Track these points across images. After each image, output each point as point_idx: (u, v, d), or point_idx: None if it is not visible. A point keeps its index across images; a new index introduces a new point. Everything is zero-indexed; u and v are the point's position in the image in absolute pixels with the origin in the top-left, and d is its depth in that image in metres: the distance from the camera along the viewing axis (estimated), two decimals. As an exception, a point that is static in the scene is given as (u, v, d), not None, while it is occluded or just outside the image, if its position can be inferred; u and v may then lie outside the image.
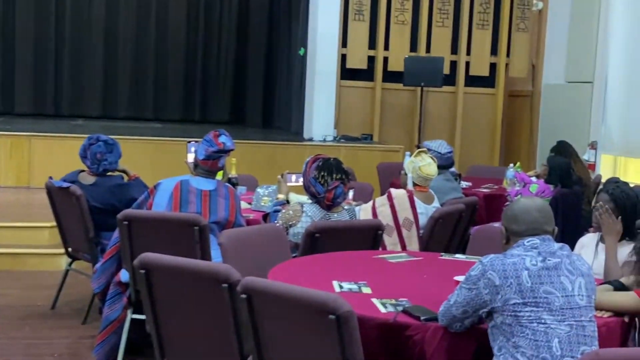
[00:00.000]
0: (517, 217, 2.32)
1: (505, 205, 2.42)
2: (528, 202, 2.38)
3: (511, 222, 2.33)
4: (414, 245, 4.07)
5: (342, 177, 3.60)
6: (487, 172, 7.15)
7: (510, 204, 2.42)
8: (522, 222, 2.30)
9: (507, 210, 2.37)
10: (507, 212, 2.37)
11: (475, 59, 9.06)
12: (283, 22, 10.59)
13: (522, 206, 2.35)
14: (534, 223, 2.29)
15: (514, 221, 2.32)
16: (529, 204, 2.36)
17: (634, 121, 7.45)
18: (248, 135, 9.25)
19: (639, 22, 7.40)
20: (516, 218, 2.32)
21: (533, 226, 2.29)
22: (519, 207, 2.35)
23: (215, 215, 3.80)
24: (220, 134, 3.92)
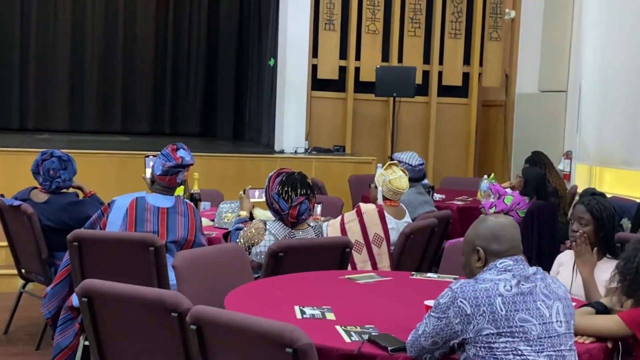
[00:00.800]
0: (498, 236, 2.12)
1: (476, 224, 2.22)
2: (501, 219, 2.19)
3: (490, 241, 2.12)
4: (385, 263, 3.88)
5: (307, 192, 3.39)
6: (461, 183, 7.00)
7: (480, 223, 2.21)
8: (504, 241, 2.11)
9: (482, 229, 2.16)
10: (483, 230, 2.15)
11: (447, 68, 8.92)
12: (253, 33, 10.40)
13: (498, 223, 2.15)
14: (514, 241, 2.11)
15: (495, 240, 2.12)
16: (504, 221, 2.17)
17: (609, 130, 7.34)
18: (218, 147, 9.04)
19: (612, 30, 7.31)
20: (497, 237, 2.12)
21: (513, 244, 2.11)
22: (496, 224, 2.15)
23: (173, 234, 3.58)
24: (178, 147, 3.71)
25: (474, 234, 2.18)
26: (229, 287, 2.82)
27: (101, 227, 3.60)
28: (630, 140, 7.02)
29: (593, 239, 3.03)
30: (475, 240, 2.16)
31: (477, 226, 2.19)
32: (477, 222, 2.20)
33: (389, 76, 8.13)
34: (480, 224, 2.18)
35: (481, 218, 2.21)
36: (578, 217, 3.08)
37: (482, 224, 2.17)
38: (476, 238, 2.16)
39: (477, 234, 2.17)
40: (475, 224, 2.20)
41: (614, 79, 7.28)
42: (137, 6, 11.59)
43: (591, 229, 3.04)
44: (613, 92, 7.29)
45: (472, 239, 2.18)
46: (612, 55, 7.30)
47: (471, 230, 2.20)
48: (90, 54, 11.43)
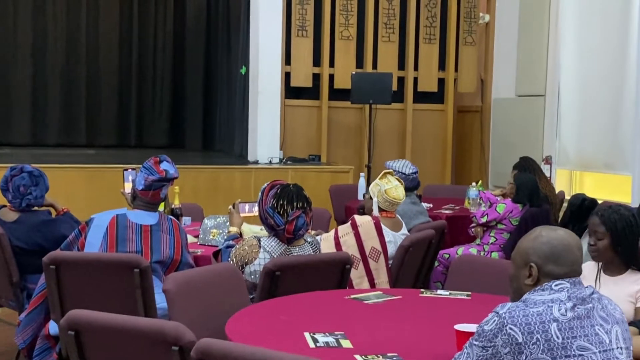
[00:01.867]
0: (559, 256, 1.87)
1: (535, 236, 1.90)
2: (567, 236, 1.91)
3: (549, 261, 1.88)
4: (383, 278, 3.67)
5: (303, 205, 3.15)
6: (445, 191, 6.82)
7: (540, 236, 1.94)
8: (565, 263, 1.87)
9: (541, 245, 1.90)
10: (542, 246, 1.90)
11: (423, 74, 8.77)
12: (222, 41, 10.15)
13: (563, 241, 1.90)
14: (575, 264, 1.87)
15: (554, 260, 1.87)
16: (569, 239, 1.90)
17: (589, 134, 7.25)
18: (189, 159, 8.75)
19: (590, 32, 7.22)
20: (557, 257, 1.87)
21: (574, 268, 1.87)
22: (560, 242, 1.89)
23: (158, 254, 3.32)
24: (161, 160, 3.45)
25: (531, 247, 1.92)
26: (226, 312, 2.58)
27: (79, 248, 3.32)
28: (611, 143, 6.93)
29: (611, 252, 2.81)
30: (530, 254, 1.92)
31: (537, 239, 1.92)
32: (537, 233, 1.94)
33: (364, 83, 7.94)
34: (541, 238, 1.91)
35: (541, 229, 1.96)
36: (593, 230, 2.85)
37: (543, 238, 1.91)
38: (532, 252, 1.92)
39: (534, 248, 1.92)
40: (534, 236, 1.94)
41: (593, 82, 7.19)
42: (100, 15, 11.27)
43: (607, 243, 2.81)
44: (592, 95, 7.20)
45: (527, 252, 1.93)
46: (590, 58, 7.21)
47: (528, 241, 1.94)
48: (52, 65, 11.07)
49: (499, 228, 5.00)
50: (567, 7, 7.53)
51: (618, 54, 6.76)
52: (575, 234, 1.97)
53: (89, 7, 11.19)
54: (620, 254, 2.79)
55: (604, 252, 2.79)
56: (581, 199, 5.48)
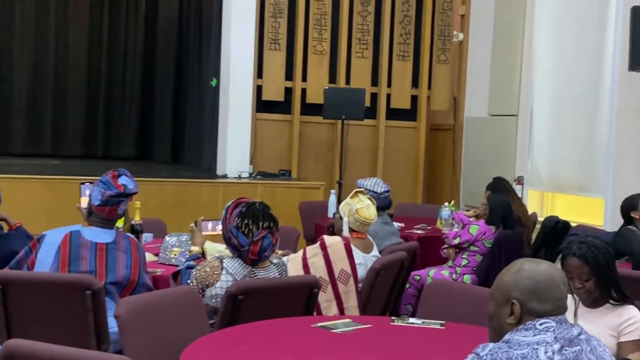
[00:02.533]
0: (544, 292, 1.71)
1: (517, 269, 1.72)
2: (551, 270, 1.74)
3: (532, 297, 1.71)
4: (352, 302, 3.50)
5: (270, 225, 2.98)
6: (416, 210, 6.69)
7: (522, 270, 1.77)
8: (550, 299, 1.71)
9: (524, 279, 1.73)
10: (525, 281, 1.73)
11: (396, 91, 8.67)
12: (193, 51, 9.96)
13: (547, 276, 1.73)
14: (561, 300, 1.71)
15: (538, 297, 1.71)
16: (554, 273, 1.74)
17: (562, 155, 7.19)
18: (156, 172, 8.53)
19: (563, 53, 7.18)
20: (542, 293, 1.71)
21: (559, 304, 1.71)
22: (544, 276, 1.73)
23: (113, 275, 3.12)
24: (120, 173, 3.26)
25: (513, 281, 1.75)
26: (183, 339, 2.40)
27: (29, 267, 3.11)
28: (584, 165, 6.88)
29: (598, 292, 2.63)
30: (512, 290, 1.75)
31: (518, 273, 1.75)
32: (518, 267, 1.77)
33: (337, 98, 7.81)
34: (523, 272, 1.75)
35: (523, 262, 1.79)
36: (577, 273, 2.62)
37: (525, 272, 1.74)
38: (514, 288, 1.75)
39: (516, 282, 1.74)
40: (515, 269, 1.76)
41: (566, 102, 7.14)
42: (69, 22, 11.03)
43: (594, 281, 2.62)
44: (566, 116, 7.14)
45: (508, 288, 1.76)
46: (564, 78, 7.16)
47: (508, 275, 1.77)
48: (18, 72, 10.79)
49: (472, 250, 4.87)
50: (541, 27, 7.49)
51: (592, 74, 6.72)
52: (559, 268, 1.83)
53: (58, 14, 10.95)
54: (606, 287, 2.64)
55: (594, 291, 2.63)
56: (554, 221, 5.41)
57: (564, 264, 2.64)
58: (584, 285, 2.60)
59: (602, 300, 2.64)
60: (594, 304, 2.66)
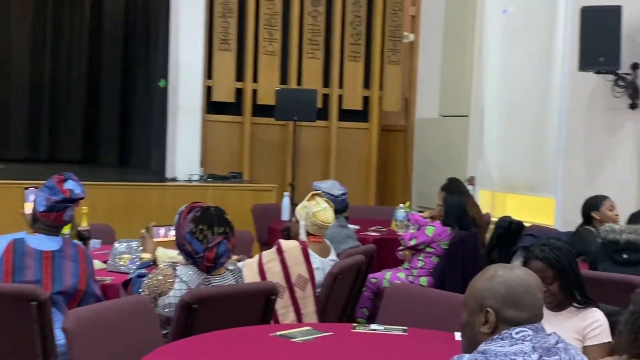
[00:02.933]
0: (519, 299, 1.64)
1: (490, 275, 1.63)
2: (526, 276, 1.68)
3: (507, 304, 1.64)
4: (310, 308, 3.42)
5: (225, 230, 2.87)
6: (370, 212, 6.64)
7: (496, 276, 1.69)
8: (526, 307, 1.63)
9: (498, 286, 1.65)
10: (499, 288, 1.66)
11: (348, 92, 8.62)
12: (140, 52, 9.74)
13: (523, 282, 1.65)
14: (537, 308, 1.64)
15: (514, 304, 1.64)
16: (529, 279, 1.67)
17: (513, 156, 7.23)
18: (103, 175, 8.30)
19: (513, 54, 7.22)
20: (517, 300, 1.64)
21: (536, 312, 1.64)
22: (519, 282, 1.65)
23: (60, 284, 2.97)
24: (66, 178, 3.11)
25: (486, 288, 1.67)
26: (135, 352, 2.28)
27: (-31, 277, 2.94)
28: (535, 165, 6.93)
29: (562, 295, 2.57)
30: (486, 297, 1.67)
31: (492, 279, 1.66)
32: (491, 273, 1.69)
33: (289, 99, 7.72)
34: (497, 278, 1.66)
35: (496, 268, 1.71)
36: (541, 276, 2.44)
37: (499, 279, 1.66)
38: (488, 296, 1.67)
39: (490, 289, 1.66)
40: (489, 275, 1.67)
41: (517, 103, 7.18)
42: (11, 21, 10.67)
43: (558, 284, 2.56)
44: (516, 117, 7.18)
45: (481, 295, 1.67)
46: (514, 79, 7.20)
47: (482, 282, 1.69)
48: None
49: (428, 252, 4.84)
50: (492, 28, 7.52)
51: (542, 75, 6.77)
52: (534, 273, 1.76)
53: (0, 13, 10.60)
54: (569, 290, 2.59)
55: (558, 295, 2.58)
56: (508, 221, 5.42)
57: (527, 267, 2.59)
58: (547, 289, 2.55)
59: (566, 304, 2.60)
60: (557, 308, 2.62)
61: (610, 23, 5.54)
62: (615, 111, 5.89)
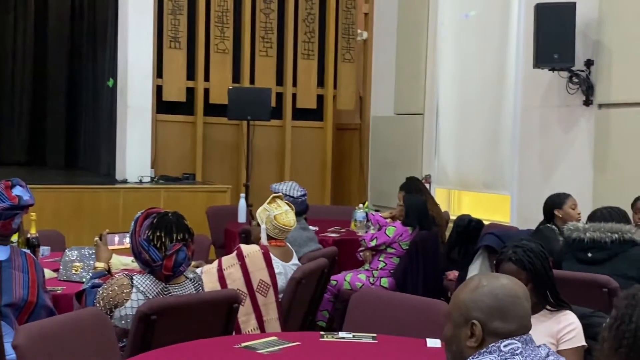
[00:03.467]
0: (507, 310, 1.56)
1: (474, 286, 1.54)
2: (512, 285, 1.59)
3: (494, 316, 1.56)
4: (272, 314, 3.30)
5: (184, 237, 2.73)
6: (327, 212, 6.55)
7: (480, 286, 1.60)
8: (513, 318, 1.56)
9: (484, 296, 1.56)
10: (485, 299, 1.57)
11: (301, 90, 8.52)
12: (87, 51, 9.48)
13: (509, 291, 1.58)
14: (525, 318, 1.57)
15: (501, 315, 1.56)
16: (516, 288, 1.59)
17: (468, 154, 7.22)
18: (50, 178, 8.04)
19: (468, 51, 7.21)
20: (504, 311, 1.56)
21: (524, 323, 1.56)
22: (506, 292, 1.57)
23: (9, 296, 2.80)
24: (13, 184, 2.94)
25: (471, 300, 1.58)
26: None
27: None
28: (490, 162, 6.92)
29: (535, 298, 2.45)
30: (472, 309, 1.58)
31: (477, 290, 1.58)
32: (476, 283, 1.60)
33: (242, 98, 7.58)
34: (482, 288, 1.58)
35: (480, 278, 1.62)
36: None
37: (484, 289, 1.57)
38: (474, 307, 1.58)
39: (475, 300, 1.57)
40: (473, 286, 1.58)
41: (471, 100, 7.17)
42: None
43: (531, 288, 2.44)
44: (471, 114, 7.17)
45: (466, 307, 1.58)
46: (468, 76, 7.19)
47: (466, 292, 1.60)
48: None
49: (389, 252, 4.77)
50: (445, 25, 7.50)
51: (496, 72, 6.77)
52: (520, 282, 1.68)
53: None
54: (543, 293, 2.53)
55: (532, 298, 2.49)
56: (467, 220, 5.38)
57: (499, 269, 2.52)
58: None
59: (539, 307, 2.53)
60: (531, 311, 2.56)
61: (564, 20, 5.55)
62: (570, 108, 5.91)
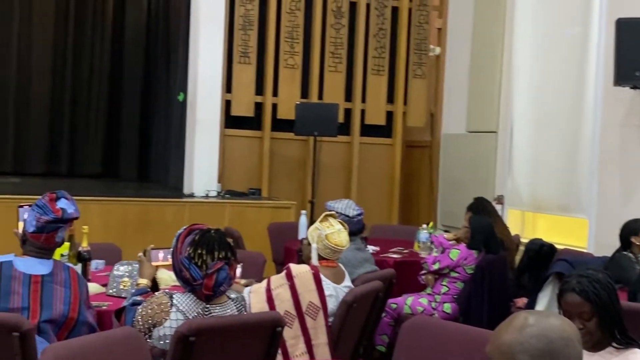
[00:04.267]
0: (558, 355, 1.36)
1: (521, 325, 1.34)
2: (565, 325, 1.37)
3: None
4: (322, 339, 3.14)
5: (226, 255, 2.61)
6: (392, 232, 6.35)
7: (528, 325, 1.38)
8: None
9: (532, 340, 1.36)
10: (533, 342, 1.37)
11: (370, 106, 8.37)
12: (160, 66, 9.60)
13: (561, 333, 1.38)
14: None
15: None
16: (569, 329, 1.37)
17: (544, 174, 6.89)
18: (121, 190, 8.14)
19: (545, 67, 6.90)
20: (555, 356, 1.37)
21: None
22: (557, 334, 1.37)
23: (49, 312, 2.73)
24: (58, 196, 2.89)
25: (517, 341, 1.37)
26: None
27: (-48, 303, 2.72)
28: (567, 184, 6.58)
29: (600, 333, 2.23)
30: (517, 352, 1.38)
31: (524, 330, 1.37)
32: (522, 322, 1.39)
33: (309, 113, 7.48)
34: (529, 328, 1.37)
35: (527, 316, 1.41)
36: (577, 312, 2.24)
37: (532, 329, 1.36)
38: (520, 350, 1.38)
39: (522, 342, 1.37)
40: (519, 325, 1.37)
41: (548, 119, 6.85)
42: (33, 33, 10.61)
43: (596, 321, 2.23)
44: (547, 133, 6.85)
45: (510, 350, 1.39)
46: (546, 94, 6.88)
47: (511, 332, 1.38)
48: (-22, 87, 10.35)
49: (452, 276, 4.54)
50: (522, 40, 7.21)
51: (575, 90, 6.45)
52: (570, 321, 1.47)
53: (22, 25, 10.53)
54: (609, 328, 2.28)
55: (596, 333, 2.27)
56: (539, 244, 5.10)
57: (562, 300, 2.30)
58: (585, 326, 2.24)
59: (604, 343, 2.28)
60: (594, 348, 2.31)
61: (647, 35, 5.23)
62: (653, 128, 5.57)
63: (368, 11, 8.28)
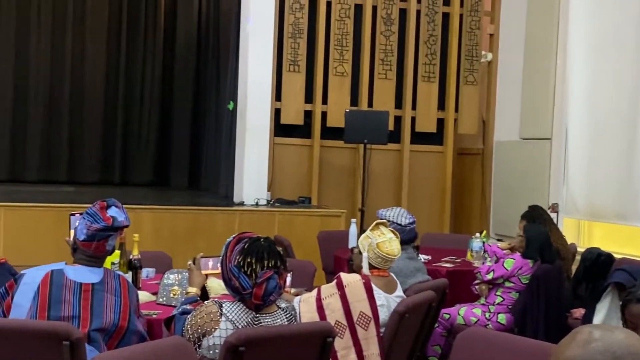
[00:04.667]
0: None
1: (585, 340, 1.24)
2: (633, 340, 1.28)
3: None
4: (373, 349, 3.08)
5: (276, 264, 2.57)
6: (444, 241, 6.23)
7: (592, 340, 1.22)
8: None
9: (596, 355, 1.18)
10: (598, 358, 1.25)
11: (421, 114, 8.27)
12: (211, 75, 9.67)
13: (629, 348, 1.20)
14: None
15: None
16: (637, 344, 1.29)
17: (600, 181, 6.70)
18: (172, 199, 8.21)
19: (600, 72, 6.72)
20: None
21: None
22: (624, 349, 1.22)
23: (99, 320, 2.73)
24: (109, 204, 2.89)
25: (582, 357, 1.26)
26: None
27: (4, 311, 2.74)
28: (624, 191, 6.38)
29: None
30: None
31: (588, 345, 1.26)
32: (586, 336, 1.29)
33: (359, 121, 7.43)
34: (594, 343, 1.27)
35: (591, 331, 1.32)
36: None
37: (598, 344, 1.26)
38: None
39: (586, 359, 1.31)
40: (583, 340, 1.26)
41: (603, 125, 6.66)
42: (86, 46, 10.82)
43: None
44: (603, 140, 6.66)
45: None
46: (601, 100, 6.69)
47: (575, 348, 1.27)
48: (34, 96, 10.59)
49: (507, 286, 4.42)
50: (576, 45, 7.04)
51: (631, 94, 6.26)
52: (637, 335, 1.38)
53: (75, 37, 10.76)
54: None
55: None
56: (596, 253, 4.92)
57: (626, 311, 2.20)
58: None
59: None
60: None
61: None
62: None
63: (418, 18, 8.20)
